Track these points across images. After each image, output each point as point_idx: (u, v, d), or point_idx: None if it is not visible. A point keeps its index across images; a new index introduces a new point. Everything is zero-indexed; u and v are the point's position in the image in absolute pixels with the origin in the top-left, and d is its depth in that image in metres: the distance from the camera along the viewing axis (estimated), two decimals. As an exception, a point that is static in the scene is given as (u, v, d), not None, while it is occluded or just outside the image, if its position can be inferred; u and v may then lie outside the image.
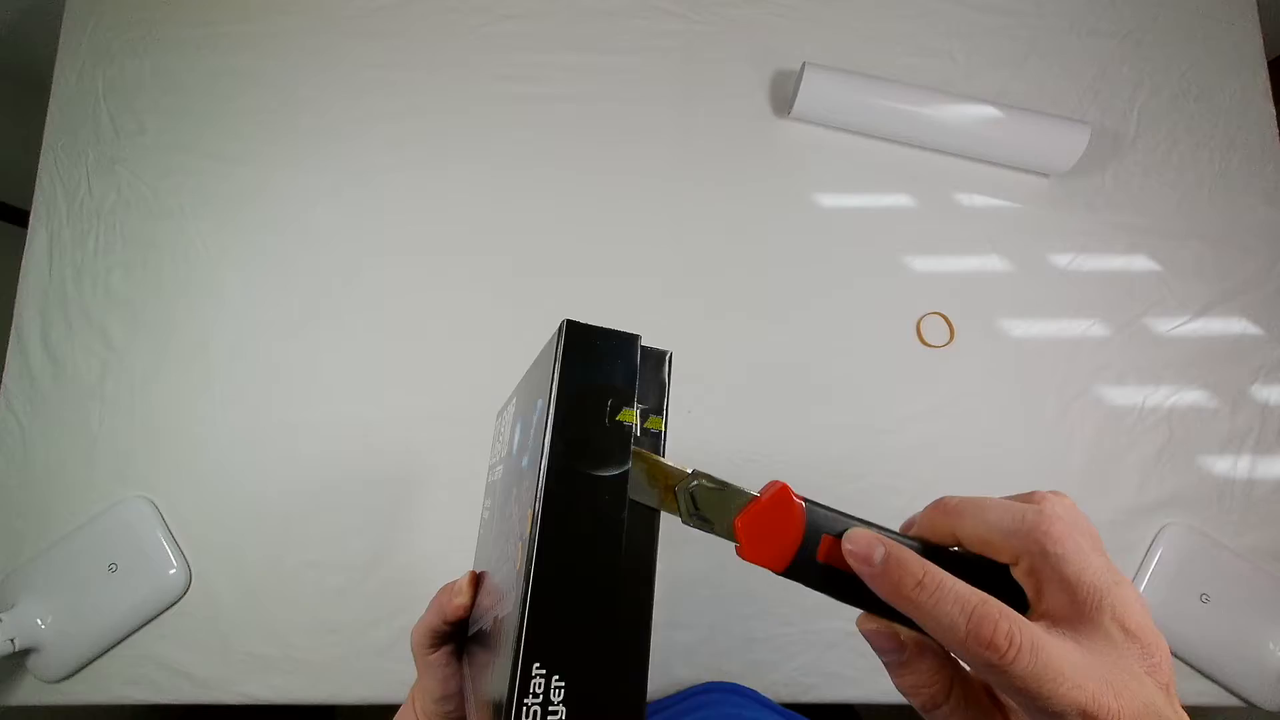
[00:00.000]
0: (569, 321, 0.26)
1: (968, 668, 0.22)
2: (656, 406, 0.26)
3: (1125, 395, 0.66)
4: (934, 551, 0.24)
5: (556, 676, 0.21)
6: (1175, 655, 0.60)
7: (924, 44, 0.75)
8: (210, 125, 0.73)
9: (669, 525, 0.24)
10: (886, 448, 0.65)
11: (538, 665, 0.21)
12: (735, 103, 0.73)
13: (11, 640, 0.56)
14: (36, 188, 0.72)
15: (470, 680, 0.31)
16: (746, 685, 0.60)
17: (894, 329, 0.68)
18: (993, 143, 0.69)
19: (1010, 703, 0.22)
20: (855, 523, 0.25)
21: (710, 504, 0.25)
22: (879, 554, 0.22)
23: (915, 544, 0.24)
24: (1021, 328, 0.68)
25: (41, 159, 0.73)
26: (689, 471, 0.25)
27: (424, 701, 0.36)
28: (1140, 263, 0.70)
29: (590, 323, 0.26)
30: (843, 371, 0.67)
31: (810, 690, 0.60)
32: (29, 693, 0.61)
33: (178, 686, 0.61)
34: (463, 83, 0.74)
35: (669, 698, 0.59)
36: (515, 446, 0.30)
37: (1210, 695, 0.60)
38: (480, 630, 0.30)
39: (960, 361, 0.67)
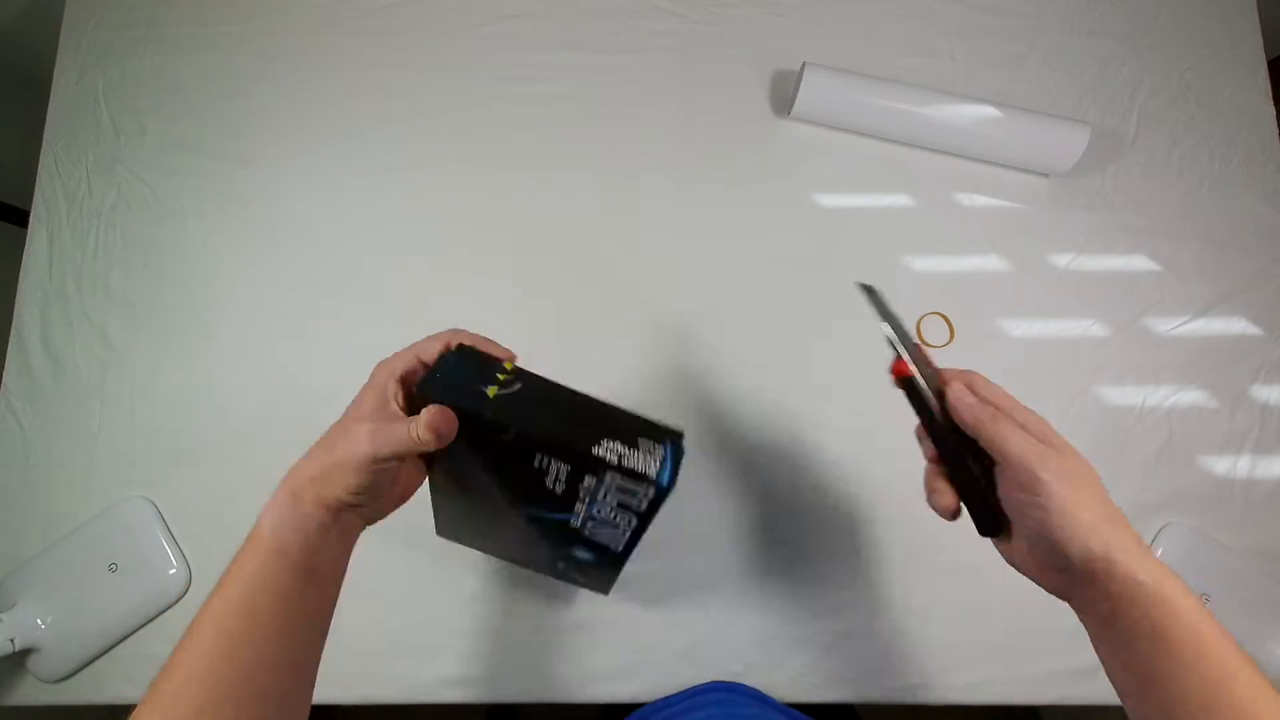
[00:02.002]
0: None
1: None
2: None
3: (1125, 395, 0.66)
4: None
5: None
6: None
7: (924, 44, 0.75)
8: (211, 125, 0.73)
9: (669, 530, 0.28)
10: (887, 448, 0.65)
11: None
12: (735, 103, 0.73)
13: (11, 640, 0.56)
14: (36, 188, 0.72)
15: None
16: (748, 684, 0.60)
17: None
18: (993, 143, 0.69)
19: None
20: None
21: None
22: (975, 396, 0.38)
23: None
24: (1021, 328, 0.68)
25: (41, 159, 0.73)
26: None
27: (349, 476, 0.37)
28: (1140, 263, 0.70)
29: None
30: (843, 371, 0.67)
31: (810, 690, 0.60)
32: (29, 693, 0.61)
33: (178, 686, 0.61)
34: (463, 83, 0.74)
35: (671, 696, 0.59)
36: None
37: (1210, 695, 0.60)
38: None
39: (960, 362, 0.67)
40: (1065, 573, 0.34)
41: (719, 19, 0.76)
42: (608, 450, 0.35)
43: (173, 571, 0.62)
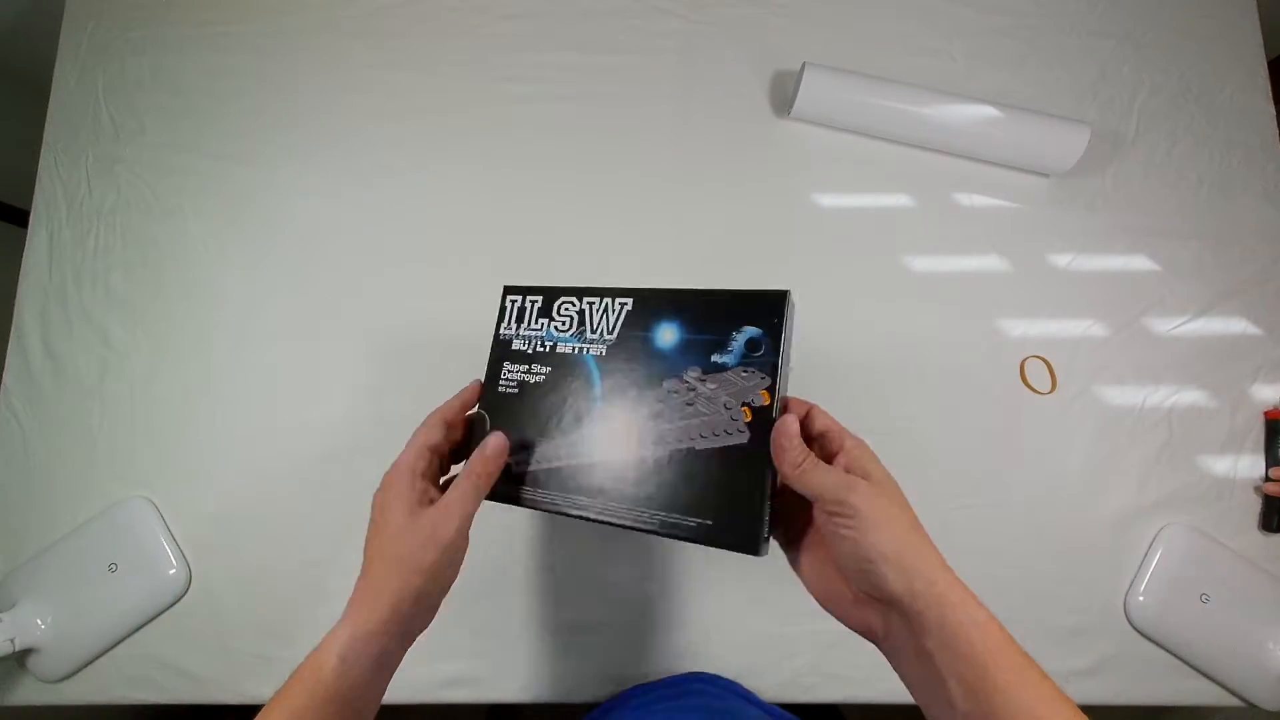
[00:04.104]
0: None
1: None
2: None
3: (1125, 395, 0.66)
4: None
5: None
6: (1175, 655, 0.60)
7: (924, 44, 0.75)
8: (210, 125, 0.73)
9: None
10: (886, 450, 0.65)
11: None
12: (735, 103, 0.73)
13: (11, 640, 0.56)
14: (36, 188, 0.72)
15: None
16: (747, 685, 0.60)
17: (893, 328, 0.68)
18: (993, 143, 0.69)
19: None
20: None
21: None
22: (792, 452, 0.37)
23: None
24: (1021, 328, 0.68)
25: (41, 159, 0.73)
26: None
27: (443, 565, 0.38)
28: (1140, 263, 0.70)
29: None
30: (842, 371, 0.67)
31: (810, 690, 0.60)
32: (29, 693, 0.61)
33: (178, 686, 0.61)
34: (463, 83, 0.74)
35: (651, 684, 0.59)
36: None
37: (1210, 695, 0.60)
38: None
39: (960, 361, 0.67)
40: (876, 601, 0.34)
41: (719, 19, 0.76)
42: None
43: (173, 571, 0.62)
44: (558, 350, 0.45)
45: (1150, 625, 0.60)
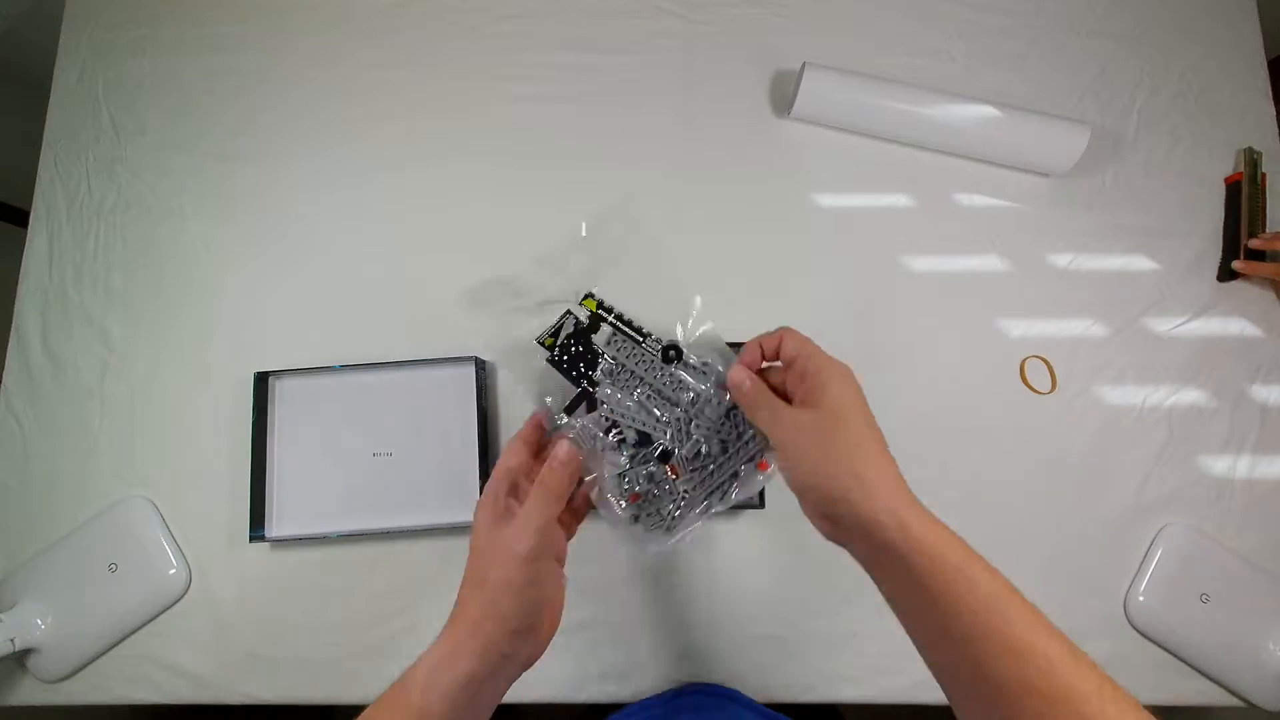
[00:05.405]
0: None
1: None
2: None
3: (1125, 395, 0.66)
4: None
5: None
6: (1175, 655, 0.60)
7: (924, 44, 0.75)
8: (210, 125, 0.73)
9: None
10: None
11: None
12: (735, 103, 0.73)
13: (11, 640, 0.56)
14: (36, 188, 0.72)
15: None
16: (747, 685, 0.60)
17: (893, 329, 0.68)
18: (993, 143, 0.69)
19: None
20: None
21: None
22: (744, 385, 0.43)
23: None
24: (1021, 328, 0.68)
25: (41, 159, 0.73)
26: None
27: (511, 626, 0.36)
28: (1140, 263, 0.70)
29: None
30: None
31: (810, 690, 0.60)
32: (29, 693, 0.61)
33: (178, 686, 0.61)
34: (463, 83, 0.74)
35: (652, 698, 0.59)
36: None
37: (1210, 695, 0.60)
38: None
39: (960, 361, 0.67)
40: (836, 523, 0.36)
41: (719, 19, 0.76)
42: None
43: (173, 571, 0.62)
44: None
45: (1150, 625, 0.60)
